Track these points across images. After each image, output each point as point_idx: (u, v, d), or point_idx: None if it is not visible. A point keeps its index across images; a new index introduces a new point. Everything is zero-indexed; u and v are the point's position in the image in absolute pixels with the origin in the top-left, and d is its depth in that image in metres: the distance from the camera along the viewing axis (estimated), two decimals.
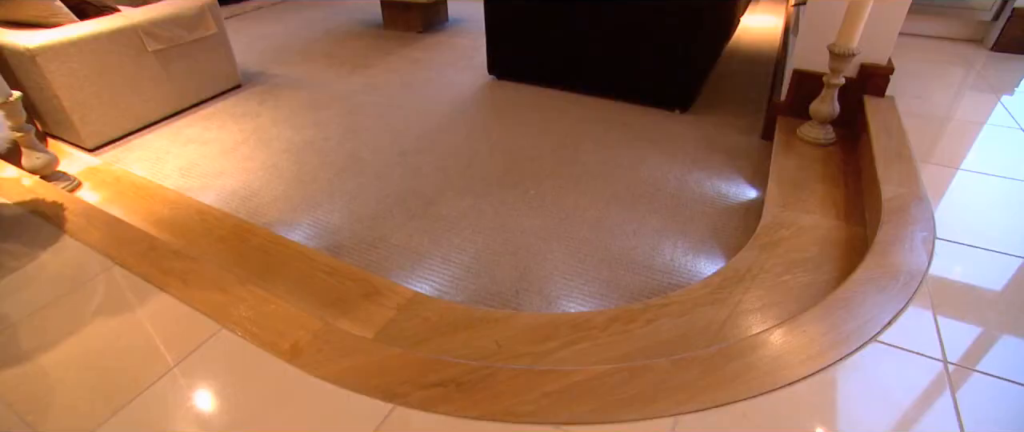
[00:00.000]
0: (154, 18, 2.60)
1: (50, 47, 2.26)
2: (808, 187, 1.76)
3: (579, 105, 2.72)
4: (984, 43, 3.09)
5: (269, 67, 3.40)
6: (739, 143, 2.33)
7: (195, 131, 2.61)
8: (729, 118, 2.56)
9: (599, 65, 2.69)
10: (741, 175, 2.09)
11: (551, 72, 2.87)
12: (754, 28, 3.99)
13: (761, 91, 2.86)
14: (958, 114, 2.28)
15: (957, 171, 1.80)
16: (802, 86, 2.14)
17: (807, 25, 2.09)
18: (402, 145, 2.39)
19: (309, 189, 2.10)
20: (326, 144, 2.43)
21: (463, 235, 1.79)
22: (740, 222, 1.82)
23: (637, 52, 2.54)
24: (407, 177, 2.14)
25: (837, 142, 2.02)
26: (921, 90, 2.46)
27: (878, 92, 2.11)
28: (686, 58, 2.46)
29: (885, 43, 2.03)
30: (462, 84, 3.02)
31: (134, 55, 2.54)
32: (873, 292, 1.23)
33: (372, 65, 3.35)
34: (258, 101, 2.90)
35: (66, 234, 1.65)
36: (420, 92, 2.94)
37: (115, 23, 2.48)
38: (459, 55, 3.48)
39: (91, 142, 2.46)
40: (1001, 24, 2.95)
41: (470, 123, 2.57)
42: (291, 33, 4.10)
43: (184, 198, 2.05)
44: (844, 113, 2.04)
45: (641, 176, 2.10)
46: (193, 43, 2.77)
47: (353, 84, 3.08)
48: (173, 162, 2.34)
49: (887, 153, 1.72)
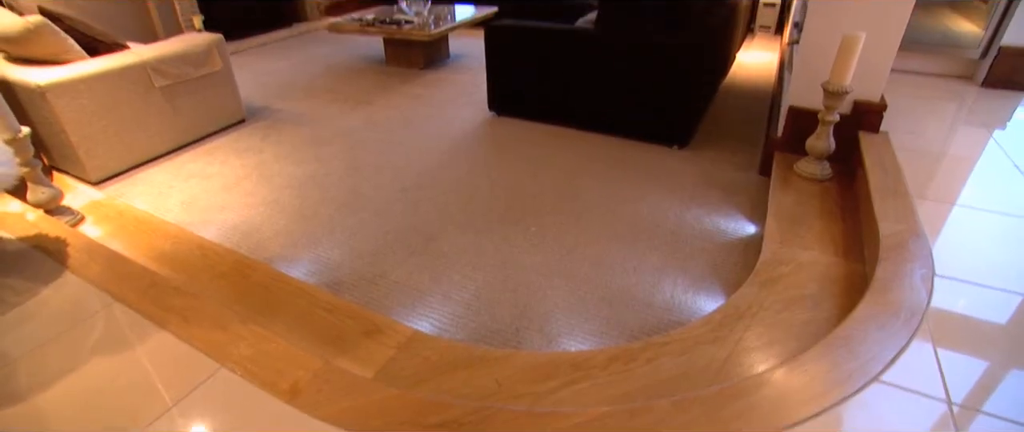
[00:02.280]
0: (163, 55, 2.66)
1: (60, 84, 2.30)
2: (806, 223, 1.77)
3: (578, 141, 2.75)
4: (974, 79, 3.15)
5: (273, 102, 3.45)
6: (737, 179, 2.36)
7: (198, 166, 2.63)
8: (727, 154, 2.59)
9: (598, 101, 2.73)
10: (739, 211, 2.11)
11: (551, 108, 2.92)
12: (750, 64, 4.06)
13: (758, 127, 2.90)
14: (952, 149, 2.32)
15: (953, 207, 1.82)
16: (798, 122, 2.17)
17: (801, 63, 2.14)
18: (403, 181, 2.41)
19: (310, 224, 2.11)
20: (327, 180, 2.45)
21: (463, 272, 1.80)
22: (739, 258, 1.82)
23: (636, 89, 2.59)
24: (408, 213, 2.16)
25: (834, 177, 2.05)
26: (914, 126, 2.50)
27: (872, 128, 2.14)
28: (684, 95, 2.50)
29: (877, 81, 2.07)
30: (463, 120, 3.06)
31: (142, 91, 2.59)
32: (874, 330, 1.23)
33: (374, 101, 3.41)
34: (261, 136, 2.94)
35: (68, 270, 1.66)
36: (421, 128, 2.98)
37: (124, 60, 2.54)
38: (460, 91, 3.53)
39: (95, 176, 2.49)
40: (989, 61, 3.02)
41: (471, 159, 2.60)
42: (295, 69, 4.18)
43: (185, 233, 2.06)
44: (840, 149, 2.07)
45: (641, 212, 2.12)
46: (199, 79, 2.82)
47: (355, 120, 3.13)
48: (176, 196, 2.36)
49: (883, 189, 1.74)
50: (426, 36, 3.68)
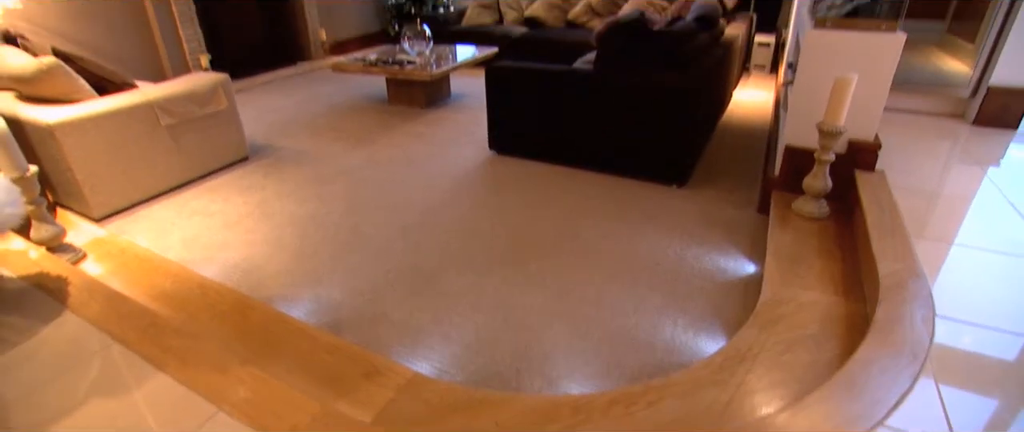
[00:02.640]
0: (170, 95, 2.71)
1: (69, 122, 2.34)
2: (806, 262, 1.78)
3: (578, 180, 2.78)
4: (965, 118, 3.21)
5: (276, 140, 3.50)
6: (736, 217, 2.37)
7: (201, 203, 2.66)
8: (725, 192, 2.62)
9: (597, 141, 2.77)
10: (739, 250, 2.12)
11: (550, 148, 2.95)
12: (746, 102, 4.13)
13: (755, 165, 2.94)
14: (947, 188, 2.34)
15: (952, 246, 1.83)
16: (794, 161, 2.20)
17: (795, 104, 2.18)
18: (404, 220, 2.43)
19: (311, 263, 2.12)
20: (329, 218, 2.47)
21: (464, 312, 1.80)
22: (740, 298, 1.82)
23: (634, 129, 2.63)
24: (408, 253, 2.17)
25: (831, 216, 2.06)
26: (909, 164, 2.54)
27: (868, 167, 2.17)
28: (682, 135, 2.54)
29: (871, 120, 2.11)
30: (464, 159, 3.10)
31: (148, 129, 2.63)
32: (876, 373, 1.22)
33: (376, 140, 3.45)
34: (263, 174, 2.98)
35: (68, 309, 1.66)
36: (422, 167, 3.01)
37: (132, 99, 2.59)
38: (461, 131, 3.58)
39: (99, 212, 2.51)
40: (979, 100, 3.08)
41: (471, 199, 2.62)
42: (299, 107, 4.25)
43: (186, 271, 2.07)
44: (837, 187, 2.09)
45: (640, 252, 2.13)
46: (205, 118, 2.87)
47: (357, 158, 3.16)
48: (177, 234, 2.38)
49: (881, 228, 1.75)
50: (428, 76, 3.75)
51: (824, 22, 2.05)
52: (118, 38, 4.37)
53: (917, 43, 4.08)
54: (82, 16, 4.13)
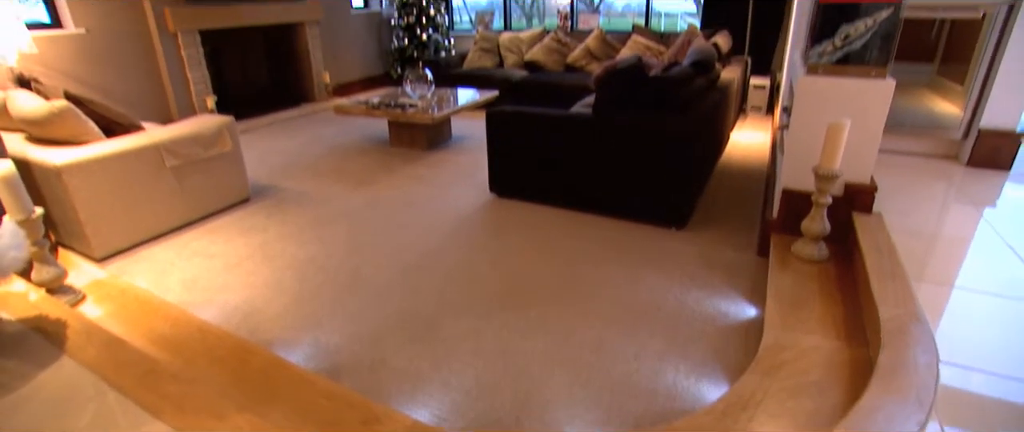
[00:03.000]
0: (175, 136, 2.76)
1: (76, 164, 2.38)
2: (807, 306, 1.78)
3: (578, 223, 2.79)
4: (959, 159, 3.25)
5: (279, 181, 3.54)
6: (736, 260, 2.38)
7: (202, 244, 2.66)
8: (725, 234, 2.63)
9: (597, 184, 2.79)
10: (739, 293, 2.12)
11: (550, 191, 2.98)
12: (743, 144, 4.19)
13: (754, 206, 2.96)
14: (945, 230, 2.36)
15: (953, 289, 1.83)
16: (792, 204, 2.22)
17: (791, 148, 2.22)
18: (405, 263, 2.43)
19: (311, 307, 2.11)
20: (329, 261, 2.47)
21: (464, 358, 1.78)
22: (741, 342, 1.81)
23: (633, 172, 2.66)
24: (408, 297, 2.16)
25: (831, 258, 2.07)
26: (906, 206, 2.56)
27: (865, 209, 2.19)
28: (680, 178, 2.57)
29: (866, 163, 2.14)
30: (464, 202, 3.12)
31: (153, 170, 2.66)
32: (882, 420, 1.20)
33: (378, 182, 3.49)
34: (265, 215, 3.00)
35: (65, 354, 1.64)
36: (423, 209, 3.03)
37: (139, 141, 2.63)
38: (461, 173, 3.61)
39: (100, 253, 2.51)
40: (971, 142, 3.13)
41: (471, 242, 2.63)
42: (302, 148, 4.31)
43: (185, 314, 2.06)
44: (835, 229, 2.11)
45: (641, 296, 2.12)
46: (209, 159, 2.91)
47: (359, 200, 3.19)
48: (178, 275, 2.38)
49: (880, 272, 1.76)
50: (429, 120, 3.82)
51: (816, 69, 2.10)
52: (128, 80, 4.47)
53: (908, 85, 4.17)
54: (95, 59, 4.24)
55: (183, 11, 4.60)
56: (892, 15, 1.98)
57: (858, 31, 2.04)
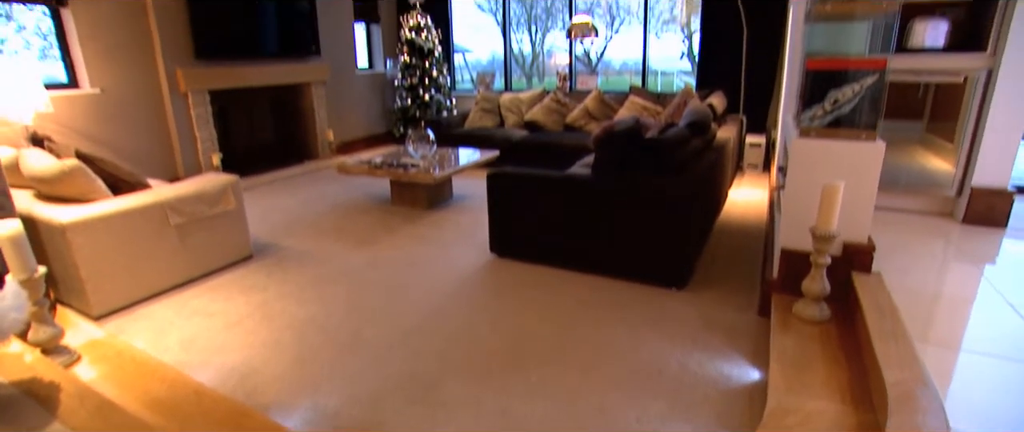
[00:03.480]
0: (180, 195, 2.80)
1: (82, 222, 2.40)
2: (810, 368, 1.76)
3: (578, 284, 2.78)
4: (954, 216, 3.29)
5: (280, 239, 3.56)
6: (737, 321, 2.36)
7: (202, 302, 2.65)
8: (725, 294, 2.63)
9: (597, 245, 2.81)
10: (742, 355, 2.09)
11: (551, 251, 2.99)
12: (741, 202, 4.24)
13: (754, 266, 2.96)
14: (947, 289, 2.36)
15: (959, 352, 1.82)
16: (791, 264, 2.23)
17: (788, 208, 2.25)
18: (405, 325, 2.41)
19: (309, 368, 2.08)
20: (329, 321, 2.45)
21: (464, 423, 1.74)
22: (745, 406, 1.78)
23: (632, 233, 2.68)
24: (408, 359, 2.14)
25: (833, 318, 2.06)
26: (905, 264, 2.57)
27: (864, 268, 2.20)
28: (680, 238, 2.59)
29: (862, 223, 2.16)
30: (465, 262, 3.12)
31: (156, 228, 2.69)
32: None
33: (379, 241, 3.50)
34: (266, 273, 3.00)
35: (57, 420, 1.61)
36: (424, 270, 3.03)
37: (145, 199, 2.67)
38: (462, 233, 3.62)
39: (98, 310, 2.50)
40: (965, 199, 3.17)
41: (472, 303, 2.62)
42: (304, 206, 4.35)
43: (182, 376, 2.03)
44: (836, 289, 2.11)
45: (643, 358, 2.10)
46: (212, 217, 2.94)
47: (360, 260, 3.19)
48: (176, 334, 2.36)
49: (883, 334, 1.75)
50: (431, 179, 3.87)
51: (808, 132, 2.17)
52: (138, 137, 4.58)
53: (900, 142, 4.25)
54: (107, 118, 4.36)
55: (194, 72, 4.76)
56: (877, 81, 2.06)
57: (846, 96, 2.11)
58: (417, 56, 6.45)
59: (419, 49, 6.41)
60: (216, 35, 4.90)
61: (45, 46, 4.22)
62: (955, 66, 3.12)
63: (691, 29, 9.55)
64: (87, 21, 4.17)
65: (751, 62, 5.21)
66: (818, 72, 2.14)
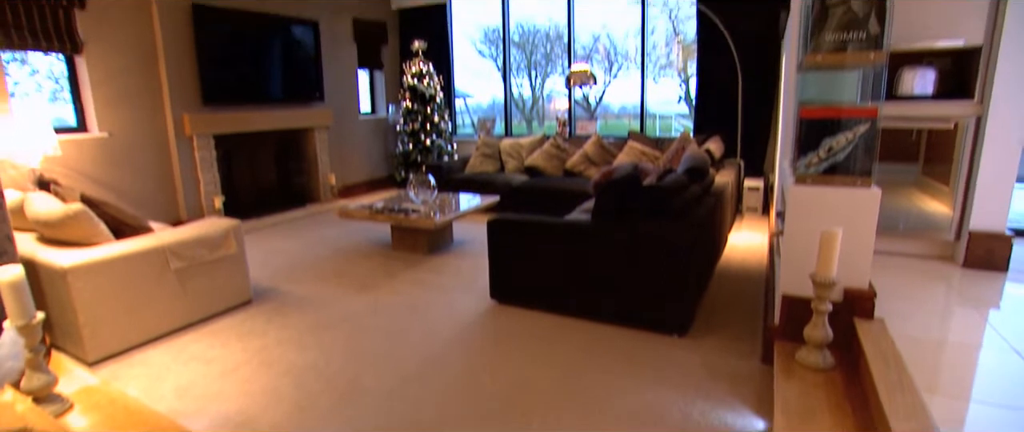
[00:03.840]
0: (182, 239, 2.81)
1: (83, 266, 2.41)
2: (816, 418, 1.72)
3: (579, 331, 2.75)
4: (954, 260, 3.28)
5: (281, 284, 3.55)
6: (740, 368, 2.34)
7: (199, 348, 2.63)
8: (727, 341, 2.60)
9: (597, 291, 2.80)
10: (746, 404, 2.06)
11: (551, 298, 2.97)
12: (741, 246, 4.25)
13: (755, 311, 2.95)
14: (951, 336, 2.34)
15: (969, 403, 1.79)
16: (792, 310, 2.22)
17: (787, 254, 2.26)
18: (404, 371, 2.39)
19: (307, 417, 2.04)
20: (328, 368, 2.42)
21: None
22: None
23: (633, 279, 2.68)
24: (408, 407, 2.10)
25: (838, 366, 2.03)
26: (908, 310, 2.56)
27: (866, 315, 2.18)
28: (680, 284, 2.58)
29: (862, 269, 2.17)
30: (465, 308, 3.09)
31: (157, 272, 2.69)
32: None
33: (379, 286, 3.49)
34: (265, 319, 2.98)
35: None
36: (424, 315, 3.00)
37: (146, 244, 2.68)
38: (463, 278, 3.61)
39: (94, 356, 2.47)
40: (964, 243, 3.17)
41: (472, 350, 2.59)
42: (305, 249, 4.36)
43: (176, 426, 1.98)
44: (838, 336, 2.09)
45: (645, 407, 2.06)
46: (213, 261, 2.95)
47: (360, 305, 3.17)
48: (172, 381, 2.32)
49: (888, 383, 1.72)
50: (432, 225, 3.87)
51: (804, 179, 2.20)
52: (142, 180, 4.64)
53: (896, 185, 4.29)
54: (113, 161, 4.42)
55: (200, 117, 4.86)
56: (870, 128, 2.10)
57: (840, 143, 2.16)
58: (419, 102, 6.58)
59: (421, 95, 6.55)
60: (223, 81, 5.03)
61: (56, 89, 4.33)
62: (945, 113, 3.19)
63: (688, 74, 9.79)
64: (100, 68, 4.29)
65: (747, 107, 5.32)
66: (812, 120, 2.19)
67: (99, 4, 4.24)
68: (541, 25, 11.65)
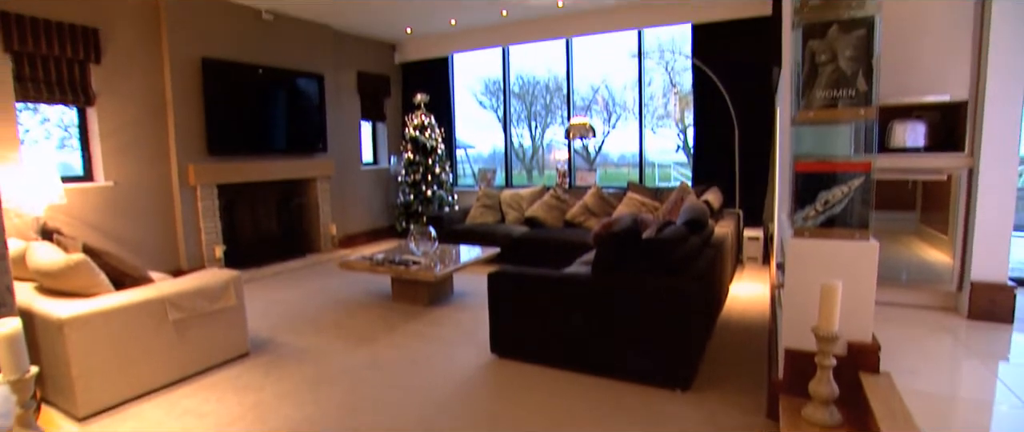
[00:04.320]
0: (182, 290, 2.80)
1: (80, 318, 2.39)
2: None
3: (580, 386, 2.70)
4: (958, 311, 3.24)
5: (279, 335, 3.51)
6: (745, 425, 2.28)
7: (194, 402, 2.58)
8: (731, 395, 2.55)
9: (598, 345, 2.76)
10: None
11: (552, 352, 2.93)
12: (743, 297, 4.22)
13: (759, 364, 2.90)
14: (962, 391, 2.29)
15: None
16: (796, 364, 2.19)
17: (789, 307, 2.25)
18: (403, 428, 2.33)
19: None
20: (326, 424, 2.37)
21: None
22: None
23: (633, 333, 2.65)
24: None
25: (845, 423, 1.99)
26: (915, 363, 2.51)
27: (872, 369, 2.15)
28: (681, 338, 2.56)
29: (864, 322, 2.15)
30: (465, 362, 3.04)
31: (155, 324, 2.67)
32: None
33: (379, 339, 3.44)
34: (263, 372, 2.93)
35: None
36: (423, 369, 2.96)
37: (146, 294, 2.67)
38: (463, 331, 3.56)
39: (85, 410, 2.42)
40: (967, 294, 3.15)
41: (472, 405, 2.54)
42: (305, 300, 4.33)
43: None
44: (845, 391, 2.05)
45: None
46: (211, 313, 2.92)
47: (359, 358, 3.12)
48: None
49: None
50: (432, 277, 3.85)
51: (803, 232, 2.22)
52: (144, 228, 4.66)
53: (896, 233, 4.28)
54: (117, 210, 4.47)
55: (205, 167, 4.94)
56: (865, 182, 2.14)
57: (836, 197, 2.18)
58: (421, 153, 6.69)
59: (423, 147, 6.67)
60: (229, 132, 5.14)
61: (65, 137, 4.41)
62: (937, 165, 3.23)
63: (685, 123, 9.99)
64: (110, 119, 4.40)
65: (744, 157, 5.39)
66: (807, 174, 2.22)
67: (114, 58, 4.39)
68: (541, 77, 11.98)
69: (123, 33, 4.46)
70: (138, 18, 4.56)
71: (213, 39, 5.02)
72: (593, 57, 7.96)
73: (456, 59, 7.27)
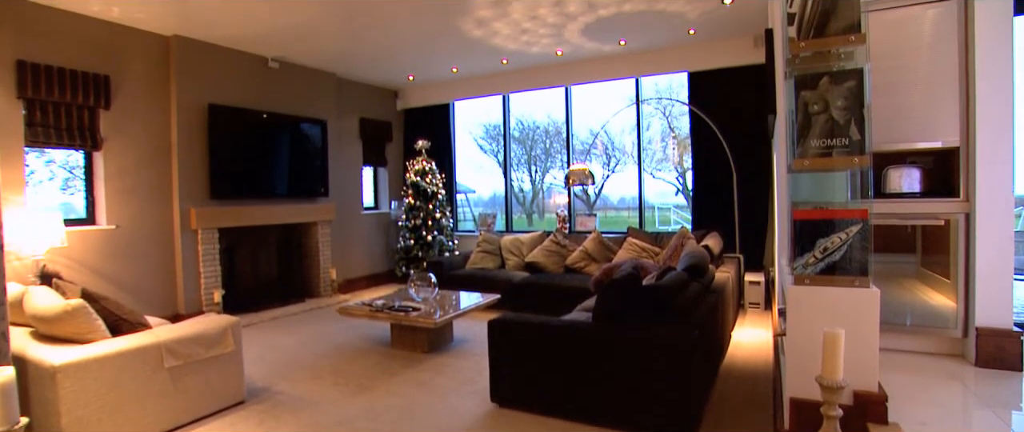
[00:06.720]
0: (179, 336, 2.77)
1: (74, 364, 2.36)
2: None
3: None
4: (965, 357, 3.19)
5: (275, 382, 3.45)
6: None
7: None
8: None
9: (599, 394, 2.71)
10: None
11: (553, 400, 2.88)
12: (746, 343, 4.16)
13: (764, 412, 2.84)
14: None
15: None
16: (802, 414, 2.15)
17: (791, 355, 2.22)
18: None
19: None
20: None
21: None
22: None
23: (635, 382, 2.61)
24: None
25: None
26: (925, 414, 2.45)
27: (880, 420, 2.11)
28: (683, 387, 2.51)
29: (869, 371, 2.12)
30: (464, 412, 2.98)
31: (150, 371, 2.62)
32: None
33: (377, 386, 3.38)
34: (257, 421, 2.86)
35: None
36: (421, 420, 2.89)
37: (142, 341, 2.64)
38: (463, 379, 3.49)
39: None
40: (973, 340, 3.11)
41: None
42: (303, 346, 4.27)
43: None
44: None
45: None
46: (208, 360, 2.88)
47: (357, 407, 3.05)
48: None
49: None
50: (432, 324, 3.81)
51: (803, 279, 2.21)
52: (143, 271, 4.65)
53: (897, 276, 4.24)
54: (117, 253, 4.47)
55: (207, 211, 4.97)
56: (862, 228, 2.15)
57: (834, 244, 2.19)
58: (421, 198, 6.74)
59: (423, 192, 6.72)
60: (232, 176, 5.19)
61: (68, 178, 4.46)
62: (934, 210, 3.24)
63: (684, 167, 10.10)
64: (115, 162, 4.46)
65: (743, 202, 5.42)
66: (805, 222, 2.24)
67: (122, 103, 4.49)
68: (540, 121, 12.18)
69: (133, 79, 4.57)
70: (149, 65, 4.69)
71: (220, 85, 5.14)
72: (592, 103, 8.12)
73: (457, 105, 7.42)
